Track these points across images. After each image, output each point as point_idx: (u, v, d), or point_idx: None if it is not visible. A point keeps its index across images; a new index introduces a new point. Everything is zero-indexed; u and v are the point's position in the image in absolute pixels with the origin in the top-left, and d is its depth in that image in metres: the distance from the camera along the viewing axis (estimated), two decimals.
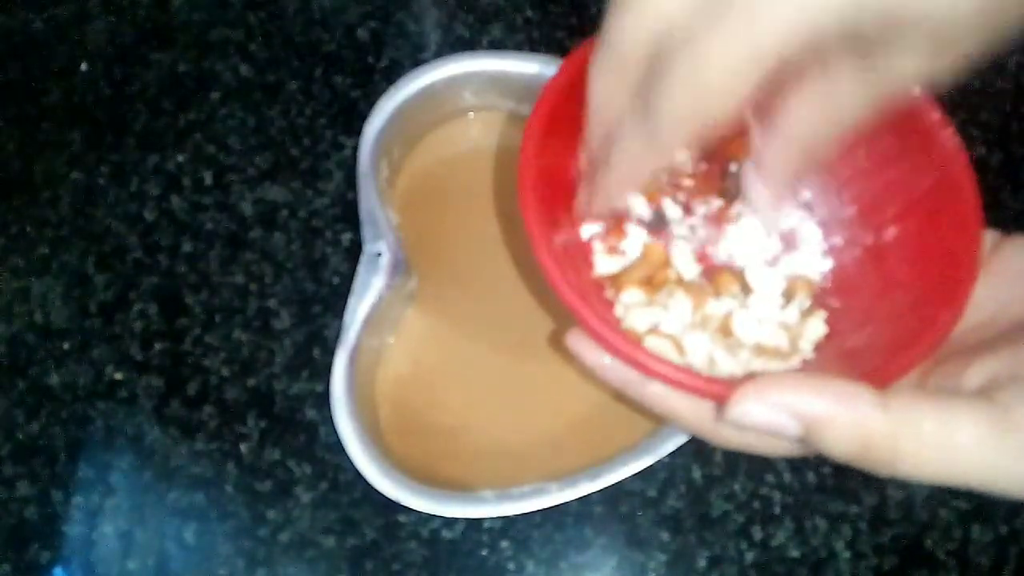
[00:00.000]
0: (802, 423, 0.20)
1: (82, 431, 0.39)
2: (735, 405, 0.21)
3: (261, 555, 0.36)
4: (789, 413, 0.20)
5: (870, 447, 0.20)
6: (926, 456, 0.19)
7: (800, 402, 0.20)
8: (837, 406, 0.20)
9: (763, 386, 0.20)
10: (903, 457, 0.19)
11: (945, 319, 0.23)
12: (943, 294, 0.24)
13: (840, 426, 0.20)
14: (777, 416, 0.20)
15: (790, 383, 0.20)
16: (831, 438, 0.20)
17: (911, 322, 0.25)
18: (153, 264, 0.41)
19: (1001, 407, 0.20)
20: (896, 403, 0.20)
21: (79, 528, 0.37)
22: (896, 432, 0.19)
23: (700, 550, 0.36)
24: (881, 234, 0.28)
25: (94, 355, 0.40)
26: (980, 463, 0.19)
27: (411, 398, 0.38)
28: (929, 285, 0.25)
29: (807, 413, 0.20)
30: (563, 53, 0.45)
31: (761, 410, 0.20)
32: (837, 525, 0.37)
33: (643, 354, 0.23)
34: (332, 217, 0.42)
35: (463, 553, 0.36)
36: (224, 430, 0.38)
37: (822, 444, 0.20)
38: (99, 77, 0.45)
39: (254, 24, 0.46)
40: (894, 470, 0.20)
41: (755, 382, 0.21)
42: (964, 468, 0.19)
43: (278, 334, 0.40)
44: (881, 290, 0.27)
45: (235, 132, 0.43)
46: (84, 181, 0.43)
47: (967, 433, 0.19)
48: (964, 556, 0.36)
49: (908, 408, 0.20)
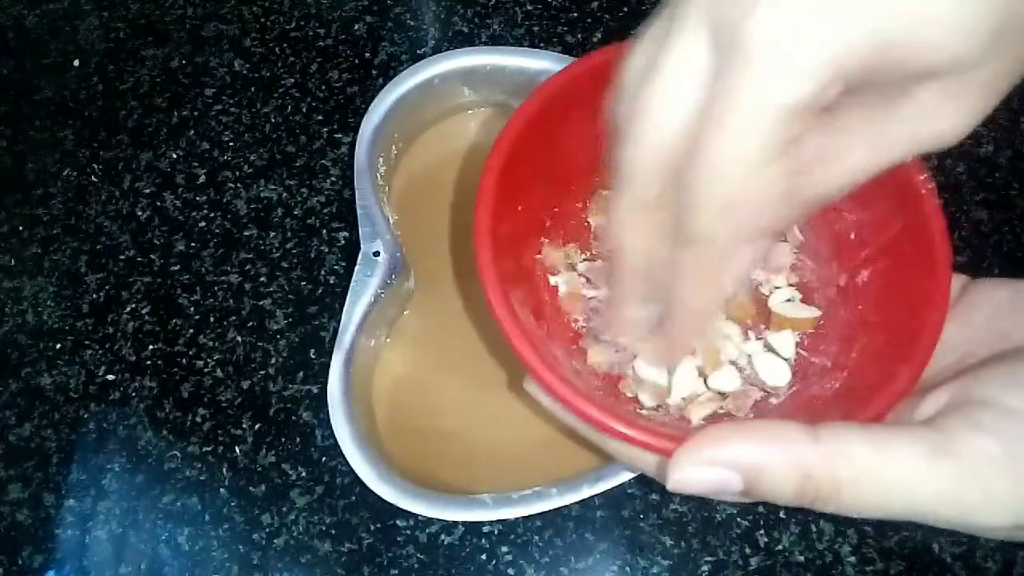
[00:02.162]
0: (742, 474, 0.19)
1: (74, 433, 0.38)
2: (674, 472, 0.20)
3: (256, 560, 0.36)
4: (726, 467, 0.20)
5: (808, 482, 0.19)
6: (865, 483, 0.19)
7: (735, 452, 0.19)
8: (770, 447, 0.19)
9: (698, 444, 0.20)
10: (842, 487, 0.19)
11: (906, 375, 0.23)
12: (910, 343, 0.23)
13: (776, 467, 0.19)
14: (715, 474, 0.20)
15: (721, 435, 0.20)
16: (770, 481, 0.19)
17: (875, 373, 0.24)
18: (146, 263, 0.41)
19: (942, 432, 0.19)
20: (827, 434, 0.19)
21: (72, 532, 0.37)
22: (831, 462, 0.19)
23: (703, 555, 0.36)
24: (854, 276, 0.28)
25: (86, 356, 0.39)
26: (919, 489, 0.19)
27: (408, 400, 0.37)
28: (898, 331, 0.25)
29: (744, 462, 0.19)
30: (563, 48, 0.45)
31: (699, 473, 0.20)
32: (843, 529, 0.36)
33: (593, 409, 0.22)
34: (328, 215, 0.41)
35: (462, 558, 0.36)
36: (218, 432, 0.38)
37: (763, 489, 0.20)
38: (91, 73, 0.44)
39: (249, 19, 0.45)
40: (839, 502, 0.19)
41: (689, 443, 0.20)
42: (903, 495, 0.19)
43: (273, 335, 0.39)
44: (849, 335, 0.27)
45: (229, 129, 0.43)
46: (76, 179, 0.42)
47: (904, 458, 0.19)
48: (971, 560, 0.36)
49: (839, 438, 0.19)
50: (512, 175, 0.26)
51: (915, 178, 0.25)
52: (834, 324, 0.28)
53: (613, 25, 0.45)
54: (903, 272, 0.25)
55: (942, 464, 0.19)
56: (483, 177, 0.25)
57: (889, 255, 0.26)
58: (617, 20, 0.45)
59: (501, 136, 0.25)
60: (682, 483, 0.20)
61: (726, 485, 0.20)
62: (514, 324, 0.23)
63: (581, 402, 0.22)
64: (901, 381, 0.23)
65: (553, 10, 0.45)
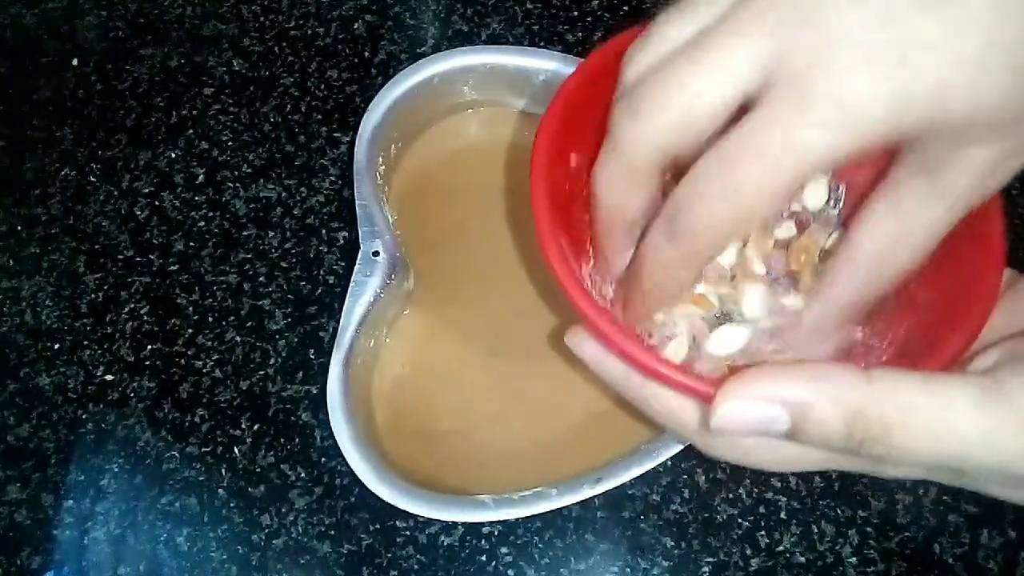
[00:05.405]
0: (788, 411, 0.19)
1: (73, 434, 0.38)
2: (719, 406, 0.20)
3: (255, 561, 0.36)
4: (774, 401, 0.19)
5: (858, 422, 0.19)
6: (916, 424, 0.19)
7: (783, 389, 0.19)
8: (820, 383, 0.19)
9: (743, 380, 0.20)
10: (893, 427, 0.19)
11: (958, 341, 0.23)
12: (962, 314, 0.23)
13: (827, 404, 0.19)
14: (763, 410, 0.19)
15: (770, 372, 0.20)
16: (818, 419, 0.19)
17: (924, 346, 0.24)
18: (145, 263, 0.40)
19: (993, 379, 0.19)
20: (879, 375, 0.19)
21: (70, 532, 0.37)
22: (883, 401, 0.19)
23: (704, 556, 0.36)
24: None
25: (85, 356, 0.39)
26: (969, 432, 0.18)
27: (408, 400, 0.37)
28: (949, 305, 0.25)
29: (791, 398, 0.19)
30: (564, 47, 0.45)
31: (746, 407, 0.20)
32: (844, 530, 0.36)
33: (639, 350, 0.22)
34: (327, 215, 0.41)
35: (461, 559, 0.36)
36: (217, 433, 0.38)
37: (811, 428, 0.19)
38: (90, 72, 0.44)
39: (248, 18, 0.45)
40: (889, 443, 0.19)
41: (735, 378, 0.20)
42: (954, 436, 0.19)
43: (272, 335, 0.39)
44: (897, 313, 0.27)
45: (228, 128, 0.43)
46: (74, 179, 0.42)
47: (956, 399, 0.19)
48: (973, 561, 0.36)
49: (893, 379, 0.19)
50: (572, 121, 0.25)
51: None
52: (880, 305, 0.28)
53: (613, 24, 0.45)
54: (955, 250, 0.25)
55: (993, 407, 0.19)
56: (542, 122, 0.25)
57: None
58: (617, 19, 0.45)
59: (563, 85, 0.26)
60: (728, 417, 0.20)
61: (773, 422, 0.19)
62: (567, 270, 0.23)
63: (633, 346, 0.22)
64: (952, 348, 0.22)
65: (553, 9, 0.45)
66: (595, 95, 0.24)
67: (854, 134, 0.18)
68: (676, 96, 0.19)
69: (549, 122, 0.25)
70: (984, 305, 0.23)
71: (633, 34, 0.25)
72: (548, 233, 0.24)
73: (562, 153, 0.26)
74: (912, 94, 0.17)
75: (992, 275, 0.24)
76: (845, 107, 0.18)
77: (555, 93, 0.26)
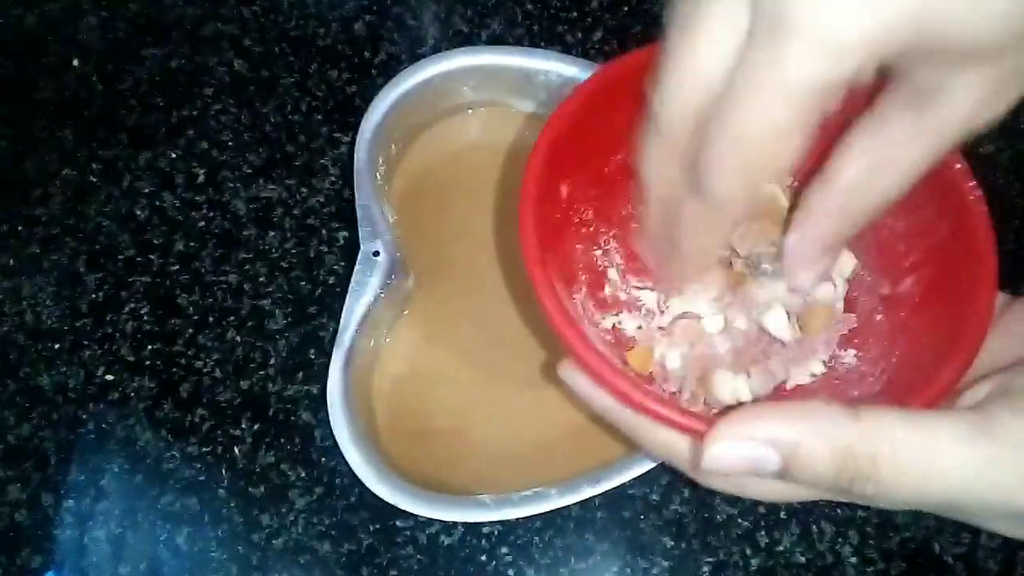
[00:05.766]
0: (778, 451, 0.19)
1: (73, 434, 0.38)
2: (710, 447, 0.20)
3: (255, 560, 0.36)
4: (763, 442, 0.19)
5: (848, 461, 0.19)
6: (905, 462, 0.19)
7: (772, 428, 0.19)
8: (810, 422, 0.19)
9: (733, 421, 0.20)
10: (882, 465, 0.19)
11: (951, 370, 0.23)
12: (954, 343, 0.23)
13: (815, 443, 0.19)
14: (753, 450, 0.19)
15: (759, 412, 0.20)
16: (808, 458, 0.19)
17: (917, 374, 0.24)
18: (145, 263, 0.41)
19: (983, 414, 0.19)
20: (867, 413, 0.19)
21: (71, 532, 0.37)
22: (872, 439, 0.19)
23: (704, 556, 0.36)
24: (897, 285, 0.28)
25: (85, 356, 0.39)
26: (959, 469, 0.18)
27: (408, 400, 0.37)
28: (941, 333, 0.25)
29: (781, 438, 0.19)
30: (563, 47, 0.45)
31: (736, 448, 0.20)
32: (844, 530, 0.36)
33: (628, 385, 0.22)
34: (328, 215, 0.41)
35: (461, 559, 0.36)
36: (217, 433, 0.38)
37: (801, 468, 0.19)
38: (91, 73, 0.44)
39: (248, 18, 0.45)
40: (878, 482, 0.19)
41: (726, 419, 0.20)
42: (944, 474, 0.19)
43: (272, 335, 0.39)
44: (890, 340, 0.27)
45: (229, 128, 0.43)
46: (75, 179, 0.42)
47: (945, 436, 0.19)
48: (973, 561, 0.36)
49: (880, 417, 0.19)
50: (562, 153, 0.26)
51: (963, 185, 0.25)
52: (874, 331, 0.28)
53: (613, 25, 0.45)
54: (948, 277, 0.25)
55: (983, 443, 0.18)
56: (533, 151, 0.25)
57: (935, 261, 0.26)
58: (617, 20, 0.45)
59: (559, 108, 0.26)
60: (718, 458, 0.20)
61: (763, 462, 0.19)
62: (556, 304, 0.23)
63: (623, 382, 0.22)
64: (946, 375, 0.22)
65: (553, 10, 0.45)
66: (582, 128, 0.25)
67: (837, 60, 0.17)
68: (689, 61, 0.20)
69: (535, 161, 0.25)
70: (975, 336, 0.23)
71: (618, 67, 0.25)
72: (540, 275, 0.24)
73: (552, 186, 0.26)
74: (897, 14, 0.17)
75: (985, 298, 0.24)
76: (824, 33, 0.17)
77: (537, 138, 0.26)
